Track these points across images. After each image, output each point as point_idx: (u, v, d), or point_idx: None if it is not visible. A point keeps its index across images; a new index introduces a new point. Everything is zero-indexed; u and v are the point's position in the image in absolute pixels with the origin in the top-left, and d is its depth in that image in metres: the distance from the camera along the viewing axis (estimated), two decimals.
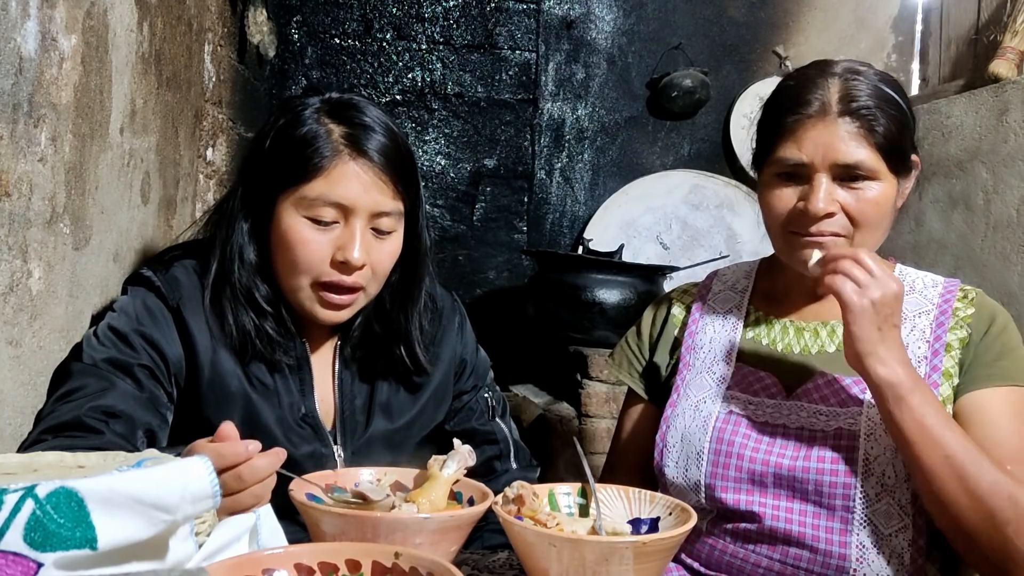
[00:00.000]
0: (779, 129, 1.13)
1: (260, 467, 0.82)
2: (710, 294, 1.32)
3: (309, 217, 1.11)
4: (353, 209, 1.11)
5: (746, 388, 1.18)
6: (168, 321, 1.13)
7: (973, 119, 2.26)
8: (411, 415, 1.27)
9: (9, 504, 0.56)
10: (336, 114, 1.14)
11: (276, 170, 1.14)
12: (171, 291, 1.14)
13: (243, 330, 1.15)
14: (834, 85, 1.11)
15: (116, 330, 1.10)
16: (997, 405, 1.07)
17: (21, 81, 1.02)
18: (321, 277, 1.12)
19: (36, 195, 1.09)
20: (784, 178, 1.13)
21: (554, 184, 3.10)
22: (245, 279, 1.16)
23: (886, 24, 3.11)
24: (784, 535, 1.08)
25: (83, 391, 1.04)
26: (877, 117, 1.08)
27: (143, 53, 1.49)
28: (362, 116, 1.15)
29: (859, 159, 1.08)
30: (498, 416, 1.39)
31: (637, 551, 0.78)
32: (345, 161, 1.11)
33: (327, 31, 2.95)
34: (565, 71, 3.08)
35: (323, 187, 1.10)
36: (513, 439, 1.39)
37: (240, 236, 1.16)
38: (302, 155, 1.11)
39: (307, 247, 1.11)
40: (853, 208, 1.10)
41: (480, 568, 1.01)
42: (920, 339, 1.13)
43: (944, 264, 2.32)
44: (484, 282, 3.06)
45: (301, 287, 1.14)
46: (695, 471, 1.15)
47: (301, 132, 1.13)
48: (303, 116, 1.14)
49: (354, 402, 1.23)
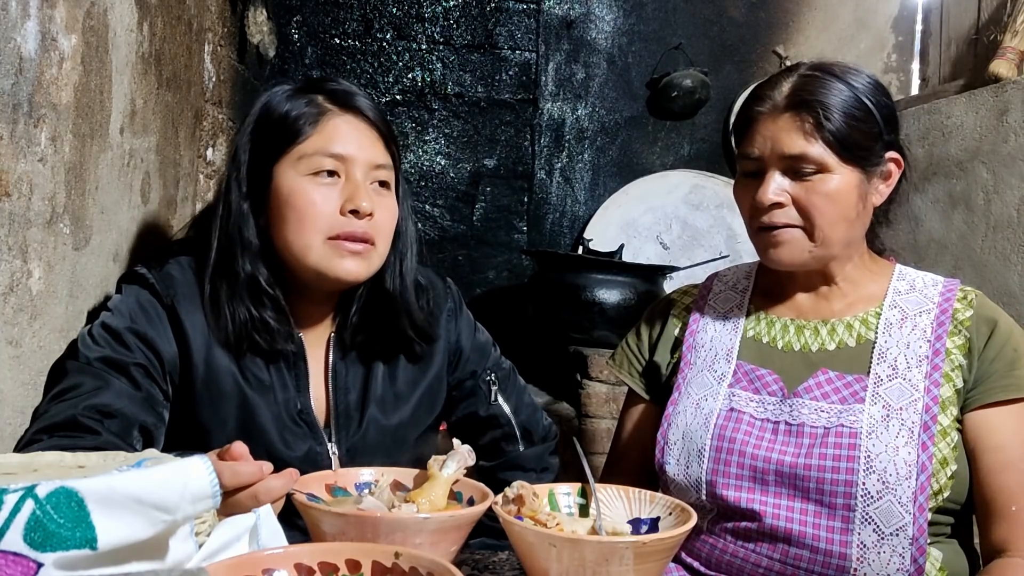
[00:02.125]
0: (740, 127, 1.18)
1: (275, 488, 0.82)
2: (710, 294, 1.32)
3: (311, 173, 1.13)
4: (352, 159, 1.14)
5: (747, 386, 1.18)
6: (162, 319, 1.13)
7: (973, 119, 2.26)
8: (407, 409, 1.26)
9: (9, 504, 0.56)
10: (312, 86, 1.19)
11: (266, 143, 1.16)
12: (166, 288, 1.14)
13: (240, 323, 1.14)
14: (789, 82, 1.14)
15: (110, 328, 1.10)
16: (1016, 420, 1.08)
17: (21, 81, 1.02)
18: (333, 229, 1.13)
19: (36, 195, 1.09)
20: (749, 175, 1.17)
21: (554, 184, 3.10)
22: (248, 265, 1.15)
23: (886, 24, 3.11)
24: (785, 534, 1.08)
25: (78, 390, 1.04)
26: (827, 109, 1.10)
27: (143, 53, 1.49)
28: (338, 83, 1.20)
29: (803, 151, 1.10)
30: (501, 396, 1.37)
31: (637, 551, 0.78)
32: (335, 116, 1.16)
33: (327, 31, 2.95)
34: (565, 71, 3.08)
35: (319, 142, 1.14)
36: (519, 419, 1.38)
37: (241, 220, 1.16)
38: (290, 120, 1.15)
39: (314, 201, 1.13)
40: (803, 200, 1.11)
41: (480, 568, 1.01)
42: (921, 338, 1.13)
43: (944, 264, 2.32)
44: (484, 282, 3.06)
45: (313, 245, 1.13)
46: (696, 468, 1.15)
47: (284, 105, 1.16)
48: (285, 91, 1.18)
49: (348, 396, 1.22)
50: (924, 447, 1.05)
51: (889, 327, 1.15)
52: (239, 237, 1.15)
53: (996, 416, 1.09)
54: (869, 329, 1.16)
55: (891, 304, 1.17)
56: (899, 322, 1.15)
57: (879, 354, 1.13)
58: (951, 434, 1.08)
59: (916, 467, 1.04)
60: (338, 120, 1.15)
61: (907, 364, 1.11)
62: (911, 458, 1.05)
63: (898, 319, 1.15)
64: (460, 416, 1.36)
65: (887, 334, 1.14)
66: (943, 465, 1.07)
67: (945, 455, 1.07)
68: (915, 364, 1.11)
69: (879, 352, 1.13)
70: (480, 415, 1.36)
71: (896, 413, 1.08)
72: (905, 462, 1.04)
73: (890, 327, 1.15)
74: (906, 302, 1.17)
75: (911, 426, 1.06)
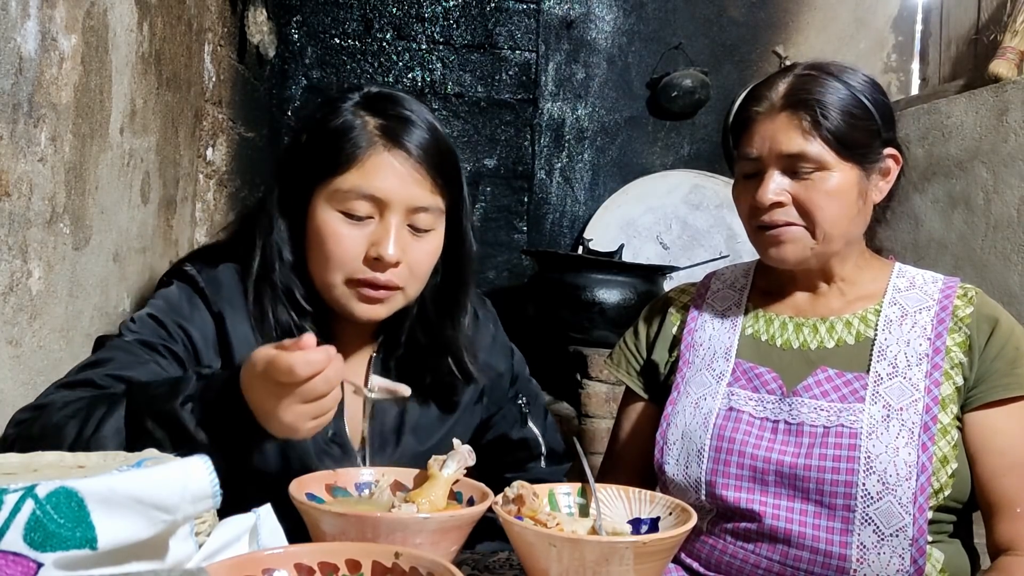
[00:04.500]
0: (737, 129, 1.18)
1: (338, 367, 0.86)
2: (708, 293, 1.32)
3: (342, 211, 1.08)
4: (388, 203, 1.07)
5: (746, 384, 1.18)
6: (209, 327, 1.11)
7: (973, 119, 2.26)
8: (440, 435, 1.22)
9: (9, 504, 0.56)
10: (372, 106, 1.11)
11: (311, 164, 1.11)
12: (214, 293, 1.12)
13: (283, 327, 1.11)
14: (785, 82, 1.14)
15: (155, 317, 1.09)
16: (1020, 421, 1.08)
17: (21, 81, 1.02)
18: (355, 274, 1.08)
19: (36, 195, 1.09)
20: (748, 176, 1.17)
21: (554, 184, 3.10)
22: (284, 278, 1.13)
23: (886, 24, 3.11)
24: (784, 535, 1.08)
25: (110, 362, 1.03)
26: (825, 107, 1.10)
27: (143, 53, 1.49)
28: (399, 108, 1.11)
29: (802, 149, 1.10)
30: (531, 419, 1.35)
31: (637, 551, 0.78)
32: (380, 152, 1.08)
33: (327, 31, 2.95)
34: (565, 71, 3.08)
35: (357, 179, 1.07)
36: (545, 440, 1.37)
37: (278, 235, 1.13)
38: (336, 147, 1.08)
39: (340, 242, 1.08)
40: (803, 198, 1.11)
41: (480, 568, 1.01)
42: (921, 336, 1.13)
43: (944, 264, 2.32)
44: (484, 282, 3.06)
45: (335, 284, 1.10)
46: (695, 468, 1.15)
47: (336, 124, 1.10)
48: (340, 109, 1.11)
49: (384, 422, 1.19)
50: (924, 448, 1.05)
51: (889, 324, 1.15)
52: (277, 253, 1.13)
53: (998, 417, 1.08)
54: (868, 327, 1.16)
55: (891, 301, 1.17)
56: (899, 319, 1.15)
57: (879, 352, 1.13)
58: (951, 432, 1.08)
59: (916, 468, 1.04)
60: (382, 159, 1.08)
61: (907, 362, 1.11)
62: (911, 459, 1.04)
63: (898, 316, 1.15)
64: (492, 439, 1.33)
65: (887, 331, 1.14)
66: (943, 464, 1.07)
67: (945, 453, 1.07)
68: (915, 362, 1.11)
69: (879, 350, 1.13)
70: (512, 438, 1.34)
71: (896, 413, 1.07)
72: (905, 463, 1.04)
73: (890, 324, 1.15)
74: (906, 299, 1.17)
75: (911, 426, 1.06)
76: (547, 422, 1.40)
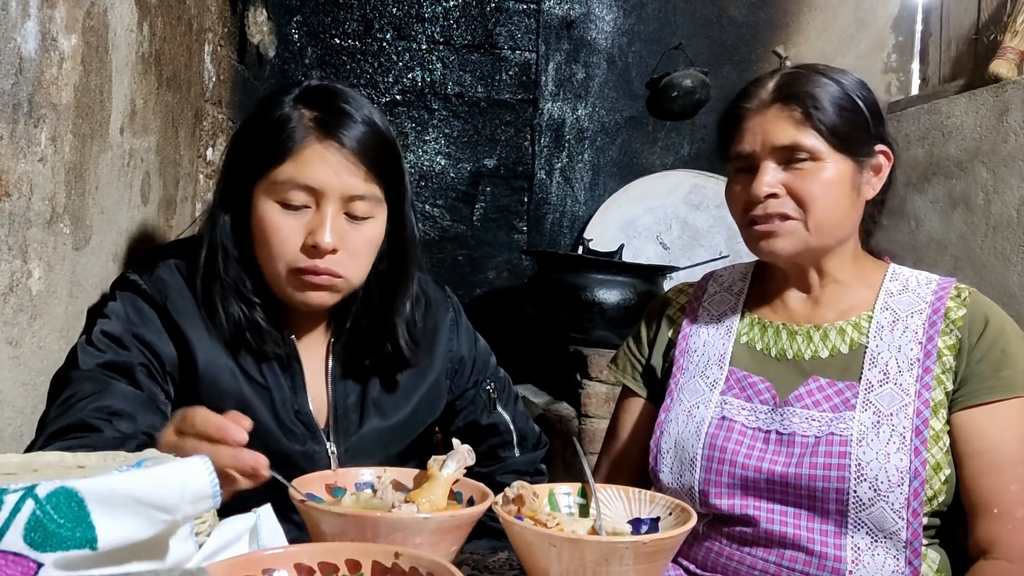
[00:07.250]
0: (728, 126, 1.18)
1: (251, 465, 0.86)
2: (705, 295, 1.31)
3: (280, 202, 1.11)
4: (323, 192, 1.10)
5: (739, 393, 1.18)
6: (156, 322, 1.14)
7: (973, 119, 2.26)
8: (405, 413, 1.27)
9: (9, 504, 0.56)
10: (309, 99, 1.14)
11: (250, 159, 1.14)
12: (157, 292, 1.14)
13: (234, 321, 1.15)
14: (774, 79, 1.15)
15: (109, 334, 1.11)
16: (1000, 422, 1.07)
17: (21, 81, 1.02)
18: (295, 263, 1.11)
19: (36, 195, 1.09)
20: (740, 172, 1.17)
21: (554, 184, 3.10)
22: (232, 273, 1.16)
23: (886, 24, 3.11)
24: (780, 538, 1.08)
25: (81, 395, 1.05)
26: (816, 99, 1.11)
27: (143, 53, 1.49)
28: (334, 100, 1.14)
29: (795, 140, 1.11)
30: (500, 405, 1.39)
31: (637, 551, 0.78)
32: (313, 144, 1.10)
33: (327, 31, 2.95)
34: (565, 71, 3.08)
35: (292, 170, 1.10)
36: (517, 427, 1.40)
37: (222, 229, 1.16)
38: (273, 140, 1.12)
39: (278, 232, 1.11)
40: (797, 187, 1.11)
41: (480, 568, 1.01)
42: (912, 340, 1.12)
43: (944, 264, 2.32)
44: (484, 282, 3.06)
45: (279, 274, 1.13)
46: (689, 477, 1.15)
47: (275, 117, 1.13)
48: (280, 102, 1.14)
49: (347, 400, 1.23)
50: (917, 452, 1.04)
51: (880, 330, 1.14)
52: (221, 247, 1.16)
53: (981, 417, 1.07)
54: (861, 334, 1.15)
55: (883, 306, 1.16)
56: (890, 324, 1.14)
57: (870, 359, 1.12)
58: (944, 438, 1.07)
59: (908, 473, 1.03)
60: (315, 150, 1.10)
61: (898, 368, 1.10)
62: (903, 464, 1.04)
63: (889, 321, 1.14)
64: (461, 425, 1.37)
65: (878, 338, 1.13)
66: (936, 471, 1.06)
67: (939, 460, 1.06)
68: (906, 368, 1.10)
69: (870, 357, 1.12)
70: (481, 424, 1.37)
71: (887, 419, 1.07)
72: (897, 468, 1.04)
73: (881, 330, 1.14)
74: (898, 303, 1.16)
75: (902, 431, 1.05)
76: (517, 409, 1.43)
